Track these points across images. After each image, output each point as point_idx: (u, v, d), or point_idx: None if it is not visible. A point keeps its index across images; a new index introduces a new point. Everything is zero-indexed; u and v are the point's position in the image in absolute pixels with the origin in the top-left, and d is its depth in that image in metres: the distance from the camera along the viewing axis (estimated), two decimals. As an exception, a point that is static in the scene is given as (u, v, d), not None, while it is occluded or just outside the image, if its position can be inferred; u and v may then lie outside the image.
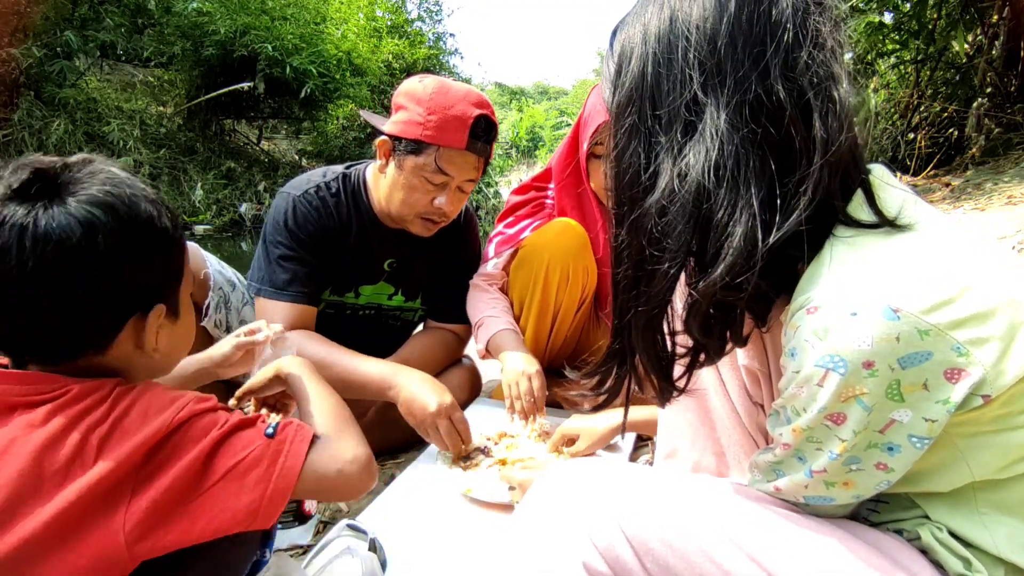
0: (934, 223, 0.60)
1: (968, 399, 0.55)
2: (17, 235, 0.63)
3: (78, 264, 0.65)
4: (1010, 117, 5.26)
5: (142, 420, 0.67)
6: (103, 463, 0.63)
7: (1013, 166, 4.88)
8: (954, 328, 0.54)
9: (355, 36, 11.18)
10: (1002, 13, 5.16)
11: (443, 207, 1.46)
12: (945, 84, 6.03)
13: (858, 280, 0.57)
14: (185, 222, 8.17)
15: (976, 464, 0.59)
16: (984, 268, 0.57)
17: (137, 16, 9.00)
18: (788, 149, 0.61)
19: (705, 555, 0.61)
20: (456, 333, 1.74)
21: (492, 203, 10.29)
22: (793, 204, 0.59)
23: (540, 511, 0.68)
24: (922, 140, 6.00)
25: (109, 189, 0.69)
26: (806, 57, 0.61)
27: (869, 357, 0.54)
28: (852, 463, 0.60)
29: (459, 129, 1.39)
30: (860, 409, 0.56)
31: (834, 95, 0.60)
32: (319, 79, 9.35)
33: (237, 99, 9.91)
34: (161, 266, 0.74)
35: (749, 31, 0.61)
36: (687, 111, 0.64)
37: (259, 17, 9.04)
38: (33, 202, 0.65)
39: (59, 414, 0.65)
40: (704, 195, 0.61)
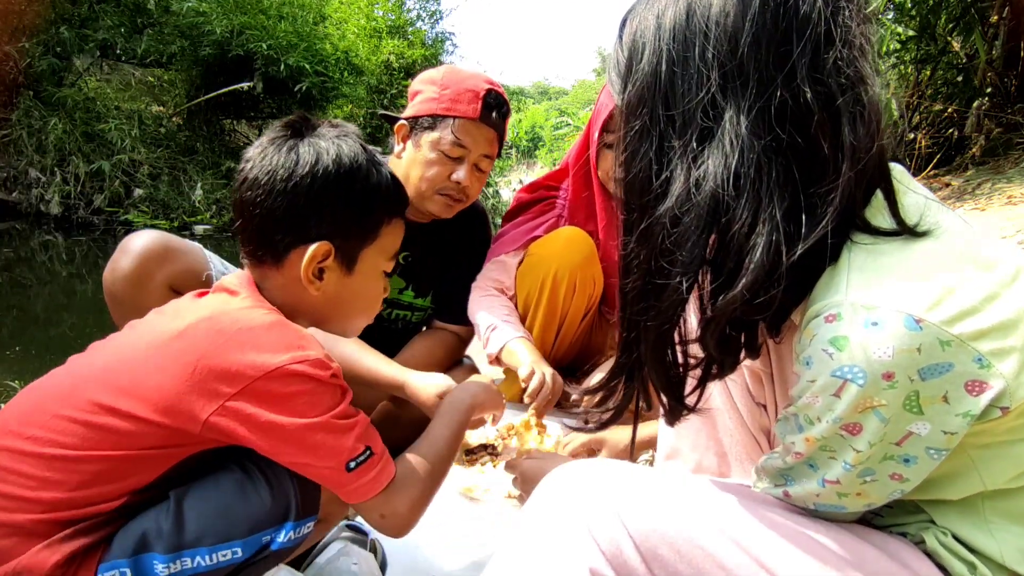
0: (955, 229, 0.58)
1: (987, 411, 0.53)
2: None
3: (292, 181, 0.84)
4: (1010, 117, 5.26)
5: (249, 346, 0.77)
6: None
7: (1013, 166, 4.88)
8: (977, 339, 0.52)
9: (354, 36, 11.16)
10: (1002, 13, 5.15)
11: (461, 181, 1.49)
12: (945, 84, 6.02)
13: (878, 289, 0.54)
14: (185, 222, 8.15)
15: (988, 473, 0.58)
16: (1007, 277, 0.55)
17: (136, 16, 8.98)
18: (814, 157, 0.57)
19: (713, 561, 0.61)
20: (458, 334, 1.74)
21: (492, 203, 10.29)
22: (819, 215, 0.56)
23: (545, 513, 0.67)
24: (922, 140, 6.00)
25: (339, 136, 0.88)
26: (835, 57, 0.56)
27: (889, 368, 0.52)
28: (867, 475, 0.58)
29: (472, 100, 1.47)
30: (877, 421, 0.54)
31: (863, 98, 0.56)
32: (316, 78, 9.33)
33: (236, 99, 9.90)
34: (341, 211, 0.87)
35: (775, 28, 0.56)
36: (704, 115, 0.59)
37: (255, 16, 9.02)
38: (290, 137, 0.88)
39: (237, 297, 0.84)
40: (722, 206, 0.57)
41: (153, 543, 0.72)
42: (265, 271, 0.88)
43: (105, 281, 1.25)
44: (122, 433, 0.73)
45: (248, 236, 0.88)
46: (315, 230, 0.86)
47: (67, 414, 0.72)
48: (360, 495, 0.82)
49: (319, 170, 0.85)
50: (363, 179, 0.88)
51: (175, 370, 0.75)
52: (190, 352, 0.76)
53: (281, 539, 0.79)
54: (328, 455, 0.78)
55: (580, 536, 0.63)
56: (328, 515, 0.90)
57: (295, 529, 0.80)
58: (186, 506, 0.75)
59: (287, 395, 0.76)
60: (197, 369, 0.74)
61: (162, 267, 1.24)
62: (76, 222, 7.73)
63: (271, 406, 0.75)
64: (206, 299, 0.85)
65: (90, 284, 5.51)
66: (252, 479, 0.79)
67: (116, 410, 0.73)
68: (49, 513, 0.70)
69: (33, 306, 5.23)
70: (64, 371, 0.80)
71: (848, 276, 0.56)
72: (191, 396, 0.74)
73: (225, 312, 0.80)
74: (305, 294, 0.88)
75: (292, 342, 0.79)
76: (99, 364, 0.79)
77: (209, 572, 0.75)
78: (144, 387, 0.74)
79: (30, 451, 0.71)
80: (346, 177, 0.87)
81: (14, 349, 3.98)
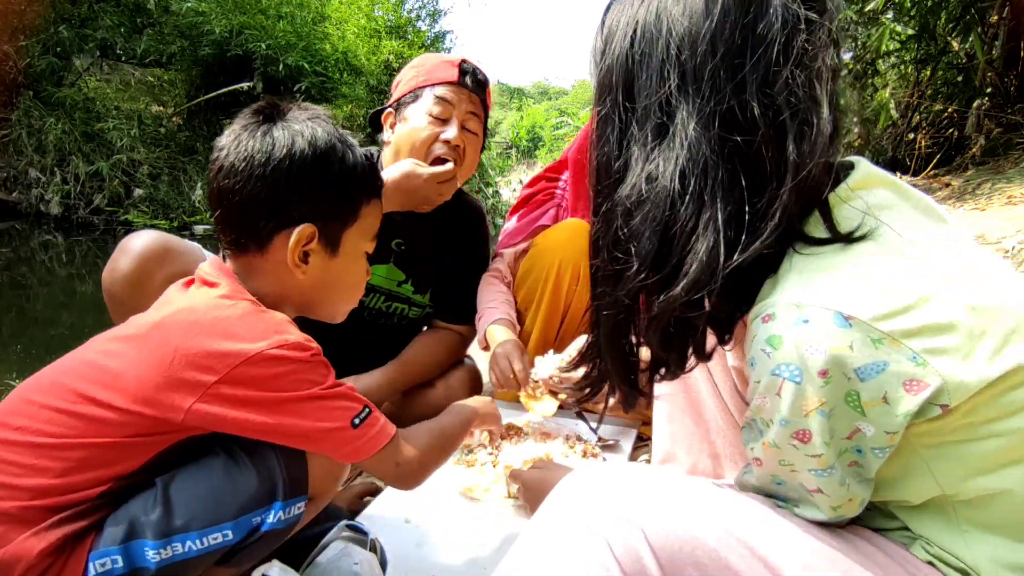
0: (902, 232, 0.58)
1: (926, 408, 0.54)
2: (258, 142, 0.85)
3: (270, 166, 0.84)
4: (1010, 117, 5.26)
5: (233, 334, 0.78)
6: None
7: (1013, 166, 4.88)
8: (909, 337, 0.53)
9: (354, 36, 11.16)
10: (1002, 13, 5.15)
11: (452, 139, 1.51)
12: (945, 84, 6.02)
13: (809, 288, 0.56)
14: (185, 222, 8.15)
15: (940, 473, 0.58)
16: (950, 277, 0.56)
17: (136, 15, 8.98)
18: (759, 169, 0.58)
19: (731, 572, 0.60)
20: (460, 333, 1.74)
21: (491, 203, 10.28)
22: (760, 227, 0.58)
23: (557, 521, 0.65)
24: (922, 140, 6.00)
25: (311, 119, 0.88)
26: (787, 76, 0.58)
27: (823, 366, 0.54)
28: (839, 477, 0.59)
29: (448, 68, 1.54)
30: (822, 418, 0.56)
31: (811, 119, 0.58)
32: (315, 78, 9.33)
33: (236, 99, 9.88)
34: (321, 193, 0.87)
35: (731, 40, 0.59)
36: (660, 110, 0.62)
37: (255, 16, 9.01)
38: (262, 123, 0.87)
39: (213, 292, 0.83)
40: (670, 203, 0.60)
41: (143, 530, 0.73)
42: (249, 259, 0.88)
43: (104, 281, 1.25)
44: (105, 422, 0.73)
45: (229, 225, 0.87)
46: (297, 213, 0.86)
47: (52, 404, 0.74)
48: (370, 448, 0.84)
49: (296, 152, 0.85)
50: (339, 160, 0.89)
51: (152, 361, 0.75)
52: (167, 343, 0.76)
53: (271, 520, 0.79)
54: (330, 417, 0.80)
55: (595, 544, 0.60)
56: (319, 493, 0.88)
57: (284, 509, 0.80)
58: (173, 492, 0.75)
59: (272, 376, 0.77)
60: (175, 360, 0.75)
61: (161, 267, 1.24)
62: (76, 222, 7.73)
63: (259, 387, 0.76)
64: (188, 290, 0.86)
65: (90, 284, 5.51)
66: (237, 462, 0.79)
67: (97, 400, 0.74)
68: (36, 500, 0.70)
69: (33, 306, 5.23)
70: (51, 367, 0.81)
71: (786, 280, 0.58)
72: (170, 386, 0.74)
73: (203, 302, 0.81)
74: (291, 279, 0.88)
75: (269, 328, 0.80)
76: (85, 357, 0.80)
77: (201, 556, 0.75)
78: (124, 378, 0.75)
79: (16, 440, 0.72)
80: (323, 158, 0.87)
81: (14, 349, 3.98)
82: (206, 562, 0.77)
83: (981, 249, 0.64)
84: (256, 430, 0.78)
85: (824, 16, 0.60)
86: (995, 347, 0.54)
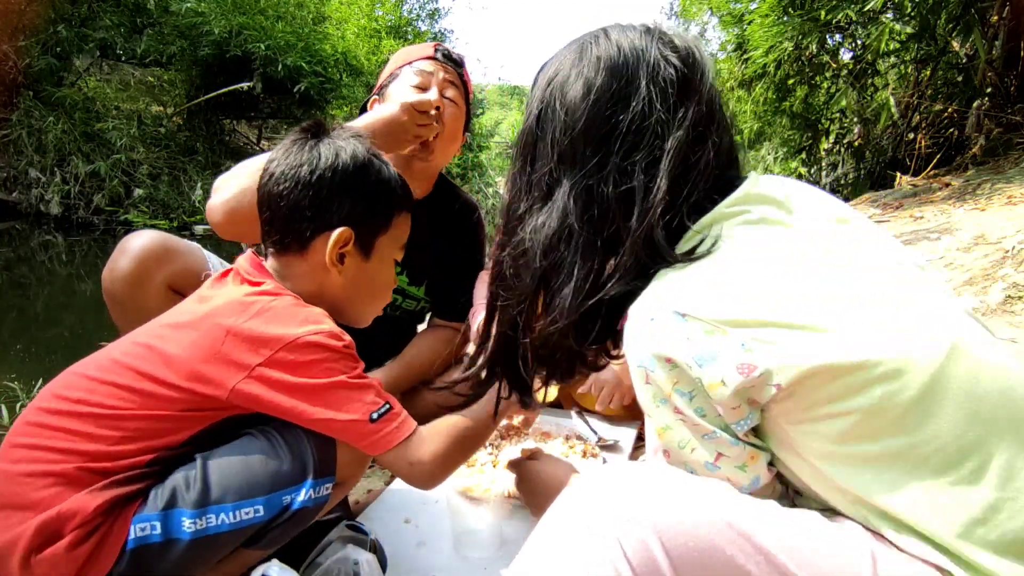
0: (743, 248, 0.68)
1: (763, 388, 0.63)
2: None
3: (315, 174, 0.94)
4: (1010, 117, 5.26)
5: (277, 321, 0.87)
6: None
7: (1013, 166, 4.88)
8: (736, 327, 0.63)
9: (354, 36, 11.16)
10: (1002, 13, 5.15)
11: (433, 101, 1.49)
12: (945, 84, 6.03)
13: (656, 295, 0.68)
14: (185, 222, 8.16)
15: (805, 449, 0.67)
16: (770, 282, 0.65)
17: (136, 15, 8.97)
18: (613, 234, 0.72)
19: None
20: (459, 331, 1.74)
21: (492, 203, 10.28)
22: (612, 277, 0.72)
23: (568, 522, 0.64)
24: (922, 140, 6.00)
25: (351, 137, 1.00)
26: (642, 159, 0.71)
27: (668, 354, 0.65)
28: (728, 439, 0.68)
29: (423, 48, 1.60)
30: (683, 398, 0.67)
31: (652, 197, 0.70)
32: (314, 78, 9.32)
33: (236, 99, 9.89)
34: (359, 201, 0.97)
35: (598, 128, 0.72)
36: (548, 179, 0.75)
37: (254, 16, 9.00)
38: (309, 139, 0.98)
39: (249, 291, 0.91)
40: (544, 256, 0.74)
41: (182, 499, 0.80)
42: (289, 259, 0.97)
43: (104, 281, 1.25)
44: (159, 397, 0.82)
45: (275, 227, 0.97)
46: (336, 218, 0.95)
47: (111, 380, 0.82)
48: (385, 444, 0.88)
49: (339, 164, 0.96)
50: (376, 172, 1.00)
51: (205, 343, 0.84)
52: (219, 327, 0.85)
53: (301, 498, 0.84)
54: (351, 408, 0.86)
55: (606, 545, 0.60)
56: (346, 478, 0.93)
57: (314, 488, 0.85)
58: (211, 466, 0.82)
59: (307, 362, 0.85)
60: (226, 342, 0.84)
61: (161, 267, 1.24)
62: (76, 222, 7.73)
63: (294, 371, 0.84)
64: (230, 287, 0.94)
65: (90, 284, 5.51)
66: (271, 442, 0.86)
67: (154, 377, 0.82)
68: (91, 463, 0.78)
69: (33, 306, 5.23)
70: (102, 352, 0.89)
71: (644, 292, 0.70)
72: (219, 365, 0.83)
73: (250, 294, 0.91)
74: (326, 279, 0.97)
75: (309, 318, 0.89)
76: (139, 340, 0.88)
77: (232, 532, 0.81)
78: (179, 358, 0.84)
79: (75, 411, 0.81)
80: (362, 170, 0.98)
81: (14, 349, 3.98)
82: (236, 539, 0.83)
83: (870, 245, 0.72)
84: (287, 413, 0.85)
85: (690, 98, 0.73)
86: (824, 337, 0.62)
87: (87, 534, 0.76)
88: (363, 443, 0.88)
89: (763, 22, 6.00)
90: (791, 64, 6.36)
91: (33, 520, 0.75)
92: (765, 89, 6.97)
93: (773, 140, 8.74)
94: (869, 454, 0.63)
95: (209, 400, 0.83)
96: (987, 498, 0.60)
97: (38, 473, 0.77)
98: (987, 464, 0.61)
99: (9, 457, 0.80)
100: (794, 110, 7.25)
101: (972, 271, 2.97)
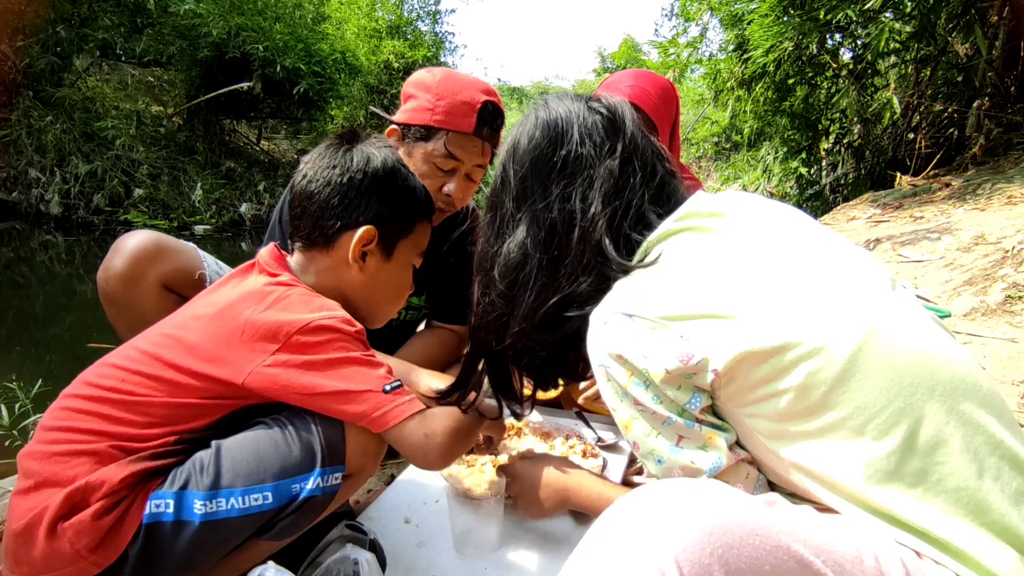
0: (681, 255, 0.77)
1: (702, 374, 0.71)
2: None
3: (346, 176, 1.02)
4: (1010, 117, 5.26)
5: (292, 309, 0.92)
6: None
7: (1013, 166, 4.88)
8: (674, 321, 0.71)
9: (353, 36, 11.15)
10: (1002, 13, 5.15)
11: (452, 193, 1.47)
12: (945, 84, 6.03)
13: (609, 300, 0.78)
14: (185, 222, 8.16)
15: (756, 430, 0.74)
16: (703, 281, 0.73)
17: (136, 15, 8.96)
18: (563, 249, 0.84)
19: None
20: (457, 333, 1.74)
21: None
22: (563, 279, 0.83)
23: (622, 540, 0.61)
24: (922, 140, 6.01)
25: (382, 146, 1.07)
26: (579, 185, 0.84)
27: (618, 351, 0.74)
28: (685, 422, 0.74)
29: (467, 113, 1.40)
30: (640, 388, 0.74)
31: (590, 215, 0.82)
32: (312, 79, 9.32)
33: (236, 99, 9.89)
34: (385, 203, 1.04)
35: (541, 166, 0.86)
36: (510, 221, 0.87)
37: (252, 18, 8.99)
38: (343, 144, 1.07)
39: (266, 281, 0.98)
40: (511, 275, 0.86)
41: (196, 482, 0.84)
42: (314, 254, 1.03)
43: (99, 280, 1.25)
44: (182, 385, 0.87)
45: (303, 223, 1.03)
46: (362, 217, 1.02)
47: (141, 370, 0.88)
48: (398, 415, 0.91)
49: (369, 168, 1.03)
50: (403, 179, 1.07)
51: (225, 332, 0.89)
52: (238, 317, 0.90)
53: (310, 486, 0.86)
54: (364, 380, 0.90)
55: (664, 566, 0.56)
56: (356, 469, 0.93)
57: (323, 477, 0.87)
58: (224, 451, 0.86)
59: (319, 342, 0.89)
60: (245, 330, 0.88)
61: (155, 266, 1.24)
62: (76, 222, 7.73)
63: (307, 351, 0.89)
64: (251, 278, 0.99)
65: (90, 284, 5.51)
66: (282, 430, 0.89)
67: (179, 366, 0.87)
68: (121, 443, 0.84)
69: (33, 306, 5.23)
70: (129, 344, 0.94)
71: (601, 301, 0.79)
72: (238, 353, 0.88)
73: (268, 284, 0.96)
74: (348, 274, 1.03)
75: (322, 306, 0.94)
76: (164, 331, 0.93)
77: (242, 518, 0.84)
78: (201, 347, 0.88)
79: (107, 397, 0.86)
80: (390, 176, 1.04)
81: (14, 349, 3.98)
82: (246, 527, 0.85)
83: (802, 243, 0.78)
84: (302, 392, 0.88)
85: (616, 134, 0.86)
86: (749, 324, 0.69)
87: (112, 504, 0.80)
88: (376, 414, 0.90)
89: (763, 22, 6.00)
90: (791, 64, 6.36)
91: (63, 490, 0.79)
92: (765, 89, 6.97)
93: (773, 140, 8.74)
94: (810, 430, 0.69)
95: (228, 387, 0.87)
96: (919, 465, 0.65)
97: (72, 452, 0.82)
98: (916, 432, 0.65)
99: (45, 439, 0.85)
100: (794, 110, 7.26)
101: (972, 271, 2.96)
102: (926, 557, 0.64)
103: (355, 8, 11.62)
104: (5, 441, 2.01)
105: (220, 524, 0.83)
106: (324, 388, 0.88)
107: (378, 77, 11.04)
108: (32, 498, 0.81)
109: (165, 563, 0.82)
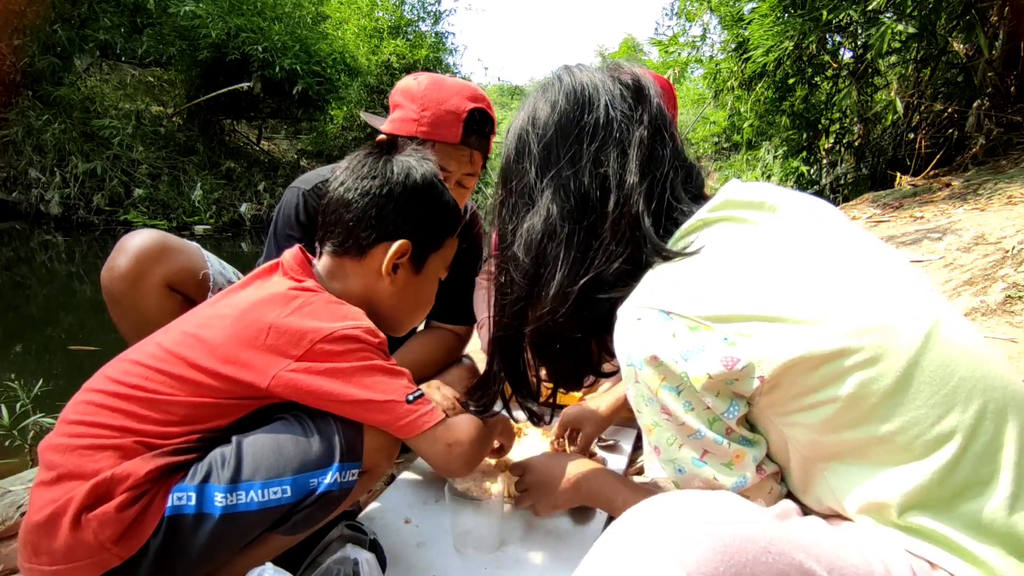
0: (724, 248, 0.71)
1: (746, 380, 0.65)
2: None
3: (385, 187, 1.01)
4: (1010, 117, 5.26)
5: (317, 316, 0.92)
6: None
7: (1013, 166, 4.88)
8: (719, 322, 0.65)
9: (353, 36, 11.14)
10: (1002, 13, 5.15)
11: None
12: (945, 84, 6.03)
13: (643, 295, 0.71)
14: (184, 222, 8.16)
15: (793, 440, 0.69)
16: (751, 278, 0.68)
17: (136, 16, 8.96)
18: (595, 221, 0.78)
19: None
20: (457, 333, 1.74)
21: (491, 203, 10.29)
22: (596, 258, 0.77)
23: (634, 550, 0.59)
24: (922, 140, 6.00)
25: (421, 158, 1.07)
26: (612, 149, 0.78)
27: (654, 352, 0.67)
28: (713, 437, 0.69)
29: (453, 124, 1.38)
30: (672, 394, 0.68)
31: (627, 183, 0.76)
32: (311, 79, 9.31)
33: (236, 99, 9.89)
34: (421, 218, 1.04)
35: (568, 130, 0.80)
36: (530, 192, 0.82)
37: (251, 19, 8.98)
38: (382, 154, 1.06)
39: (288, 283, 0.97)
40: (535, 253, 0.80)
41: (217, 475, 0.84)
42: (344, 262, 1.03)
43: (103, 280, 1.25)
44: (203, 385, 0.87)
45: (337, 231, 1.03)
46: (398, 230, 1.02)
47: (164, 369, 0.88)
48: (421, 424, 0.92)
49: (409, 182, 1.02)
50: (439, 195, 1.07)
51: (248, 334, 0.89)
52: (262, 319, 0.90)
53: (327, 481, 0.87)
54: (387, 390, 0.91)
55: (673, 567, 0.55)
56: (372, 466, 0.94)
57: (340, 472, 0.88)
58: (245, 446, 0.87)
59: (344, 351, 0.90)
60: (269, 334, 0.88)
61: (159, 266, 1.24)
62: (76, 222, 7.73)
63: (331, 359, 0.89)
64: (275, 280, 0.99)
65: (90, 284, 5.51)
66: (303, 425, 0.90)
67: (201, 366, 0.87)
68: (144, 439, 0.85)
69: (33, 306, 5.23)
70: (150, 339, 0.94)
71: (634, 291, 0.73)
72: (262, 356, 0.88)
73: (293, 289, 0.96)
74: (377, 285, 1.03)
75: (347, 315, 0.94)
76: (186, 330, 0.93)
77: (260, 512, 0.84)
78: (223, 348, 0.88)
79: (131, 395, 0.86)
80: (428, 190, 1.04)
81: (14, 349, 3.98)
82: (263, 520, 0.85)
83: (848, 241, 0.73)
84: (325, 398, 0.89)
85: (644, 103, 0.80)
86: (803, 328, 0.64)
87: (136, 497, 0.81)
88: (399, 423, 0.91)
89: (763, 22, 6.00)
90: (791, 64, 6.36)
91: (87, 482, 0.80)
92: (765, 88, 6.97)
93: (773, 140, 8.74)
94: (853, 443, 0.65)
95: (250, 388, 0.88)
96: (963, 479, 0.62)
97: (97, 447, 0.83)
98: (968, 448, 0.62)
99: (68, 432, 0.85)
100: (794, 110, 7.25)
101: (972, 271, 2.96)
102: (941, 568, 0.62)
103: (355, 8, 11.61)
104: (5, 441, 2.01)
105: (239, 517, 0.84)
106: (348, 396, 0.89)
107: (379, 77, 11.03)
108: (55, 489, 0.81)
109: (184, 555, 0.83)
